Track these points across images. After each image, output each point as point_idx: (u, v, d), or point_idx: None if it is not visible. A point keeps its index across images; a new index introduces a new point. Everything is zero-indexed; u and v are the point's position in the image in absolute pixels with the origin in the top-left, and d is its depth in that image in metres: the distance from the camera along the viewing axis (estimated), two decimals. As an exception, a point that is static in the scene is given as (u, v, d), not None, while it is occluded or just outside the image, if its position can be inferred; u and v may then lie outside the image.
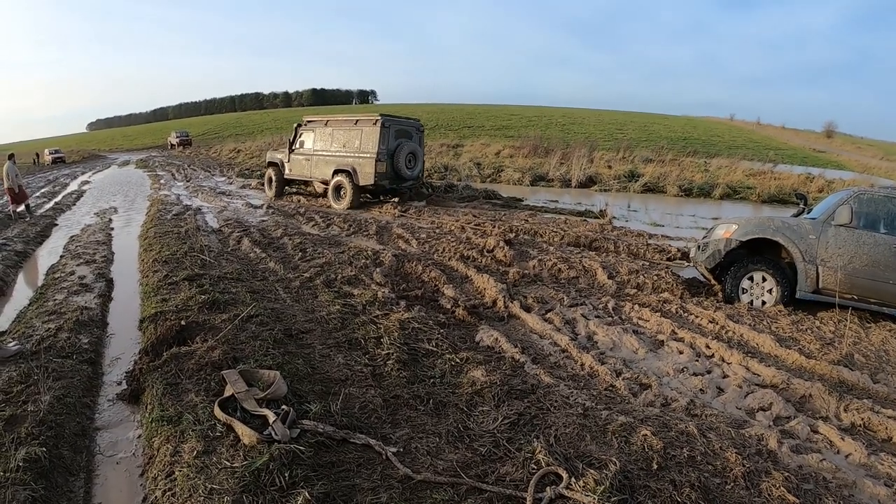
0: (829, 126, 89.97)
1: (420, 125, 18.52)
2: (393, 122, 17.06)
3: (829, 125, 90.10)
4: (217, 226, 13.04)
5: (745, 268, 8.77)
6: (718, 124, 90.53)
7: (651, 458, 3.98)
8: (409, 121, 18.13)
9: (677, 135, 60.43)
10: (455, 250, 10.60)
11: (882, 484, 4.10)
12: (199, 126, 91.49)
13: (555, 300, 7.97)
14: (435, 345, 5.85)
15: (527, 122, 62.30)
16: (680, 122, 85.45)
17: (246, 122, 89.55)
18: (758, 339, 7.01)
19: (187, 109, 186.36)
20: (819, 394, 5.53)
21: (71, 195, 21.85)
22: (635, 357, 6.35)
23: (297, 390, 4.68)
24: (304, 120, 19.06)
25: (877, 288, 8.36)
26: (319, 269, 8.72)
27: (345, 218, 14.41)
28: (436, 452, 3.99)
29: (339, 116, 18.31)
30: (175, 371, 4.97)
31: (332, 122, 18.05)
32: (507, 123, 62.86)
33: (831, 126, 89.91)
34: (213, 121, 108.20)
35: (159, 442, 4.05)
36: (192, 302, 6.79)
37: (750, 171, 30.79)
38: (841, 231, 8.48)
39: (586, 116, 77.76)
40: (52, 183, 28.29)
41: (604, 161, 32.23)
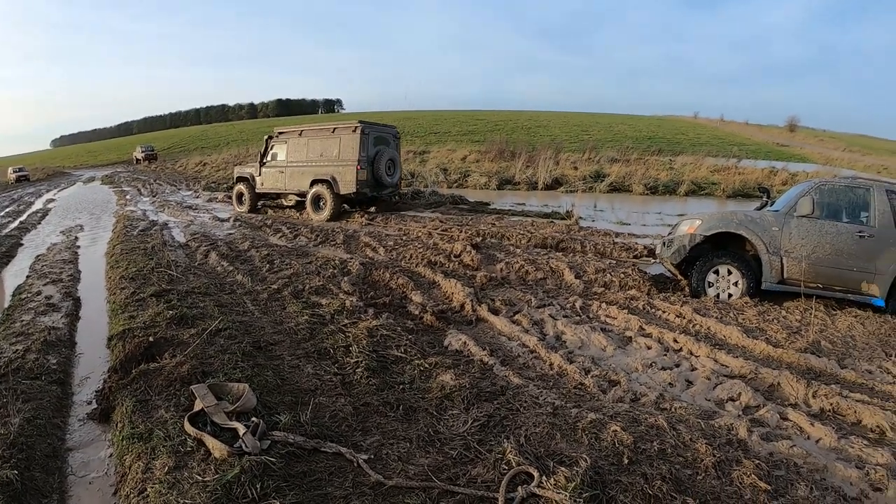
0: (791, 120, 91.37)
1: (396, 132, 18.52)
2: (372, 129, 16.96)
3: (792, 120, 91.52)
4: (184, 240, 12.96)
5: (711, 262, 8.91)
6: (683, 123, 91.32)
7: (621, 452, 4.02)
8: (387, 127, 18.08)
9: (643, 134, 60.93)
10: (422, 256, 10.65)
11: (853, 466, 4.18)
12: (165, 140, 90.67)
13: (522, 302, 8.03)
14: (404, 351, 5.88)
15: (493, 127, 62.43)
16: (645, 121, 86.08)
17: (212, 135, 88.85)
18: (725, 332, 7.12)
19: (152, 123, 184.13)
20: (787, 381, 5.62)
21: (36, 214, 21.54)
22: (604, 354, 6.42)
23: (267, 402, 4.68)
24: (275, 132, 18.76)
25: (841, 276, 8.56)
26: (287, 281, 8.70)
27: (312, 228, 14.44)
28: (407, 458, 4.01)
29: (314, 126, 18.15)
30: (144, 388, 4.95)
31: (307, 132, 17.81)
32: (474, 128, 63.01)
33: (794, 120, 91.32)
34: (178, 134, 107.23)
35: (131, 459, 4.03)
36: (159, 318, 6.77)
37: (714, 167, 31.15)
38: (803, 222, 8.66)
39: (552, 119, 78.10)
40: (17, 202, 27.88)
41: (570, 163, 32.41)
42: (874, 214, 8.65)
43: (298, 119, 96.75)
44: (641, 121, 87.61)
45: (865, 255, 8.50)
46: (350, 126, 16.77)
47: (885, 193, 8.68)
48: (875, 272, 8.45)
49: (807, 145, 64.61)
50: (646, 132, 64.14)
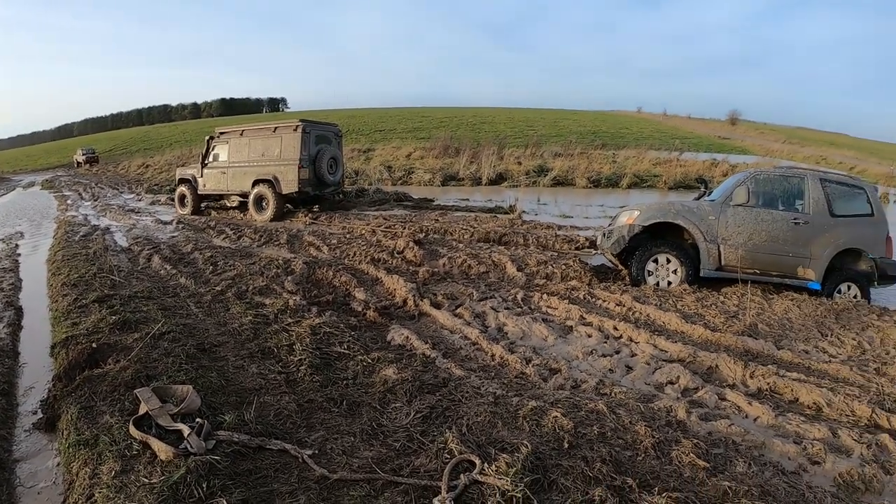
0: (733, 114, 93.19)
1: (338, 130, 18.48)
2: (313, 128, 16.93)
3: (734, 113, 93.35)
4: (126, 244, 12.76)
5: (650, 251, 9.16)
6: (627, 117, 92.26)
7: (562, 437, 4.13)
8: (329, 125, 18.08)
9: (587, 129, 61.38)
10: (366, 254, 10.70)
11: (791, 442, 4.37)
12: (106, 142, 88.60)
13: (464, 295, 8.16)
14: (347, 347, 5.94)
15: (438, 124, 62.36)
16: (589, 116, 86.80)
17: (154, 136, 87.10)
18: (664, 318, 7.33)
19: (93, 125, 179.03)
20: (725, 364, 5.84)
21: (-28, 223, 21.04)
22: (545, 344, 6.56)
23: (212, 403, 4.70)
24: (216, 132, 18.56)
25: (777, 261, 8.92)
26: (231, 282, 8.68)
27: (255, 229, 14.33)
28: (351, 451, 4.07)
29: (256, 125, 17.99)
30: (89, 394, 4.92)
31: (247, 132, 17.65)
32: (419, 125, 62.83)
33: (735, 114, 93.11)
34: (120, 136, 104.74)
35: (77, 466, 4.02)
36: (102, 324, 6.70)
37: (657, 160, 31.67)
38: (739, 210, 8.98)
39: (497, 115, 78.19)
40: (-49, 211, 27.17)
41: (514, 158, 32.59)
42: (808, 202, 9.03)
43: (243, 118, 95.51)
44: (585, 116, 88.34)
45: (801, 241, 8.86)
46: (291, 125, 16.72)
47: (819, 182, 9.09)
48: (810, 257, 8.84)
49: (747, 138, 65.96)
50: (590, 127, 64.65)
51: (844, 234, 9.03)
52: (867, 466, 4.07)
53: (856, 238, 9.07)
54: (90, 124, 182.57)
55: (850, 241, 9.04)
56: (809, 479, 3.98)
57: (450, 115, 78.11)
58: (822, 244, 8.95)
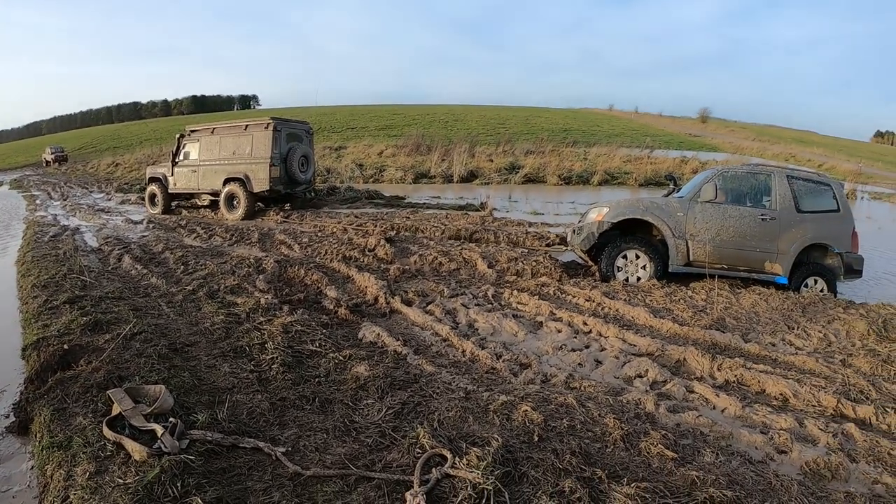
0: (703, 112, 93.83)
1: (310, 128, 18.44)
2: (284, 126, 16.91)
3: (704, 111, 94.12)
4: (97, 244, 12.65)
5: (619, 247, 9.27)
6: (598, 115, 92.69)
7: (532, 431, 4.19)
8: (300, 123, 18.04)
9: (558, 126, 61.59)
10: (337, 252, 10.72)
11: (758, 432, 4.47)
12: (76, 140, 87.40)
13: (435, 292, 8.23)
14: (318, 345, 5.97)
15: (410, 121, 62.24)
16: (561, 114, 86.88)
17: (124, 134, 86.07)
18: (633, 313, 7.44)
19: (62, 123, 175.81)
20: (693, 357, 5.95)
21: (-61, 224, 20.76)
22: (515, 339, 6.65)
23: (185, 402, 4.71)
24: (186, 130, 18.47)
25: (745, 256, 9.10)
26: (202, 281, 8.65)
27: (227, 228, 14.27)
28: (324, 448, 4.10)
29: (226, 123, 17.88)
30: (61, 396, 4.90)
31: (218, 130, 17.60)
32: (391, 123, 62.69)
33: (706, 112, 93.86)
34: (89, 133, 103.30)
35: (52, 469, 4.00)
36: (73, 325, 6.66)
37: (628, 157, 31.93)
38: (707, 207, 9.13)
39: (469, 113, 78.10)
40: (-84, 212, 26.75)
41: (485, 155, 32.63)
42: (776, 198, 9.21)
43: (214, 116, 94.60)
44: (557, 113, 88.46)
45: (768, 237, 9.04)
46: (262, 123, 16.68)
47: (786, 178, 9.28)
48: (777, 252, 9.02)
49: (718, 135, 66.50)
50: (561, 124, 64.86)
51: (811, 229, 9.20)
52: (833, 455, 4.16)
53: (822, 233, 9.26)
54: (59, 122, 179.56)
55: (816, 236, 9.21)
56: (776, 468, 4.06)
57: (422, 112, 77.93)
58: (789, 239, 9.12)
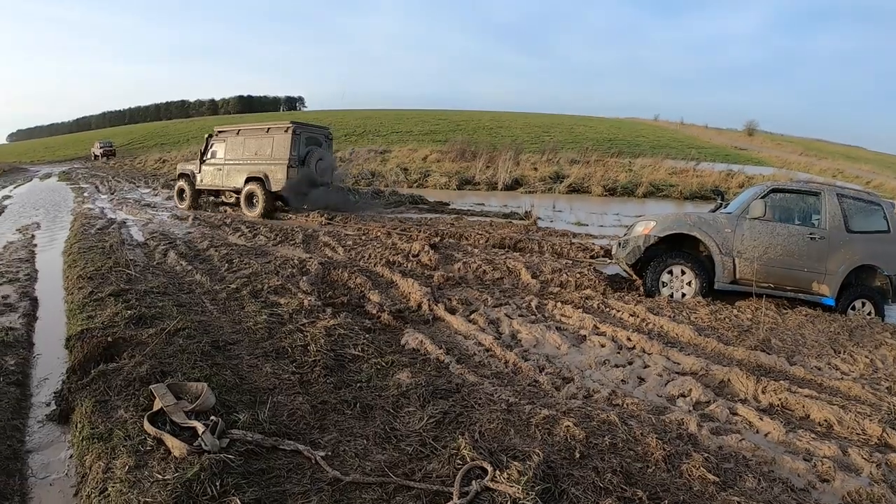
0: (750, 124, 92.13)
1: (329, 132, 19.36)
2: (304, 129, 17.83)
3: (751, 123, 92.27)
4: (142, 239, 12.82)
5: (665, 262, 9.10)
6: (643, 125, 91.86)
7: (574, 447, 4.11)
8: (320, 128, 19.05)
9: (603, 136, 61.24)
10: (381, 256, 10.73)
11: (801, 459, 4.34)
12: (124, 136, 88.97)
13: (479, 301, 8.15)
14: (361, 350, 5.94)
15: (454, 127, 62.34)
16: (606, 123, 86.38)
17: (172, 132, 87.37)
18: (677, 330, 7.30)
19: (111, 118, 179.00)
20: (737, 378, 5.80)
21: (-10, 212, 21.20)
22: (558, 353, 6.53)
23: (226, 401, 4.70)
24: (215, 130, 19.51)
25: (792, 275, 8.86)
26: (246, 280, 8.68)
27: (271, 227, 14.39)
28: (364, 454, 4.06)
29: (251, 125, 18.95)
30: (103, 388, 4.94)
31: (243, 131, 18.56)
32: (435, 128, 62.82)
33: (752, 124, 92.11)
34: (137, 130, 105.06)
35: (91, 460, 4.03)
36: (118, 318, 6.72)
37: (673, 169, 31.57)
38: (756, 224, 8.91)
39: (513, 120, 78.00)
40: (-30, 199, 27.34)
41: (530, 163, 32.58)
42: (825, 217, 8.96)
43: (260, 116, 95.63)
44: (602, 122, 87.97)
45: (816, 256, 8.79)
46: (283, 126, 17.55)
47: (836, 197, 9.02)
48: (826, 272, 8.77)
49: (764, 149, 65.63)
50: (606, 134, 64.48)
51: (860, 250, 8.96)
52: (876, 486, 4.05)
53: (871, 254, 9.01)
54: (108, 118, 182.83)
55: (865, 257, 8.96)
56: (818, 497, 3.96)
57: (466, 118, 77.97)
58: (838, 260, 8.88)
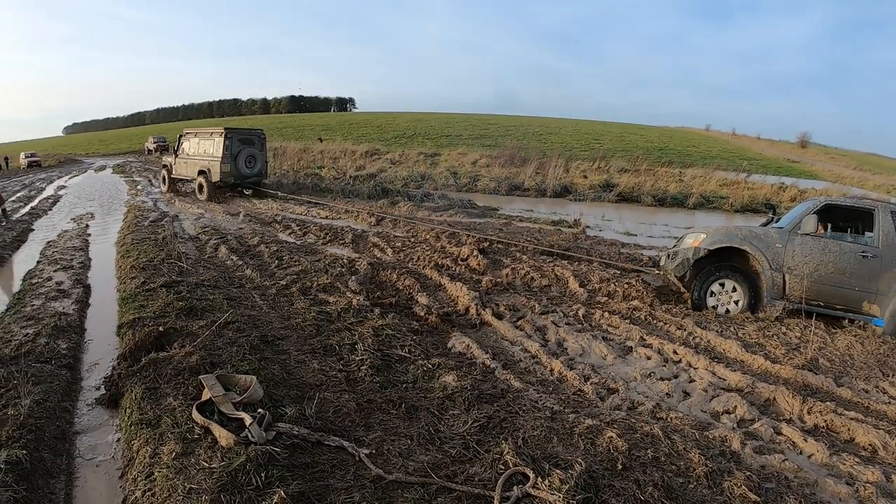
0: (803, 136, 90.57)
1: (262, 134, 23.58)
2: (235, 133, 22.21)
3: (804, 136, 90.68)
4: (194, 233, 13.03)
5: (713, 276, 8.94)
6: (694, 135, 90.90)
7: (616, 458, 4.09)
8: (253, 131, 23.52)
9: (653, 145, 60.70)
10: (429, 259, 10.76)
11: (843, 483, 4.25)
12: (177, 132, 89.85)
13: (526, 308, 8.10)
14: (408, 351, 5.97)
15: (504, 132, 62.20)
16: (656, 132, 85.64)
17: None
18: (724, 345, 7.18)
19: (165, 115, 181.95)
20: (783, 397, 5.69)
21: (47, 200, 21.71)
22: (604, 363, 6.49)
23: (273, 395, 4.76)
24: (184, 132, 24.36)
25: (842, 294, 8.59)
26: (295, 277, 8.77)
27: (321, 226, 14.50)
28: (407, 454, 4.08)
29: (204, 129, 23.55)
30: (153, 376, 5.03)
31: (199, 134, 23.28)
32: (485, 133, 62.77)
33: (805, 136, 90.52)
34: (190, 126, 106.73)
35: (138, 444, 4.11)
36: (169, 308, 6.84)
37: (724, 180, 31.07)
38: (807, 240, 8.69)
39: (563, 126, 77.73)
40: (28, 187, 27.96)
41: (579, 171, 32.35)
42: (878, 235, 8.66)
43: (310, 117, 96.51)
44: (652, 131, 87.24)
45: (868, 275, 8.51)
46: (219, 131, 21.99)
47: (890, 214, 8.68)
48: (877, 292, 8.47)
49: (817, 162, 64.42)
50: (656, 143, 63.89)
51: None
52: (917, 513, 3.93)
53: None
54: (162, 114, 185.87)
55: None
56: (858, 521, 3.86)
57: (516, 123, 77.81)
58: (890, 279, 8.53)
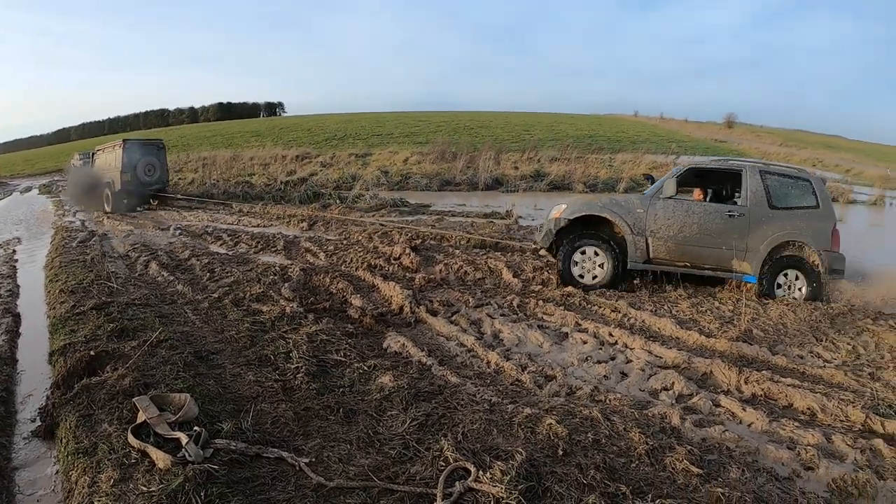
0: (729, 117, 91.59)
1: (161, 143, 24.85)
2: (133, 143, 23.32)
3: (730, 116, 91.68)
4: (123, 251, 12.72)
5: (575, 244, 9.16)
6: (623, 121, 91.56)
7: (557, 445, 4.15)
8: (151, 140, 24.85)
9: (583, 133, 61.05)
10: (362, 260, 10.77)
11: (785, 448, 4.39)
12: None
13: (461, 302, 8.18)
14: (343, 355, 5.96)
15: (435, 128, 61.90)
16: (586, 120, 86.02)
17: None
18: (659, 324, 7.37)
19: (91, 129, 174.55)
20: (720, 370, 5.87)
21: (-31, 230, 21.06)
22: (540, 351, 6.59)
23: (209, 411, 4.71)
24: (95, 148, 26.28)
25: (710, 254, 8.96)
26: (228, 289, 8.67)
27: (252, 235, 14.37)
28: (347, 459, 4.09)
29: (109, 144, 24.83)
30: (87, 403, 4.92)
31: (105, 148, 24.59)
32: (416, 130, 62.40)
33: (732, 117, 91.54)
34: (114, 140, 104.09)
35: (76, 475, 4.02)
36: (100, 331, 6.70)
37: (653, 164, 31.63)
38: (669, 203, 9.00)
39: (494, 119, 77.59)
40: (-52, 218, 27.13)
41: (510, 162, 32.54)
42: (747, 194, 8.99)
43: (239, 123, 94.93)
44: (582, 119, 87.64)
45: (736, 234, 8.85)
46: (118, 144, 23.03)
47: (759, 174, 9.04)
48: (747, 250, 8.81)
49: (744, 141, 65.62)
50: (586, 131, 64.26)
51: (784, 226, 8.96)
52: (861, 472, 4.09)
53: (797, 230, 8.98)
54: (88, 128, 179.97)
55: (791, 233, 8.96)
56: (803, 485, 4.00)
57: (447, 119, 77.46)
58: (760, 237, 8.89)
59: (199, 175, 31.36)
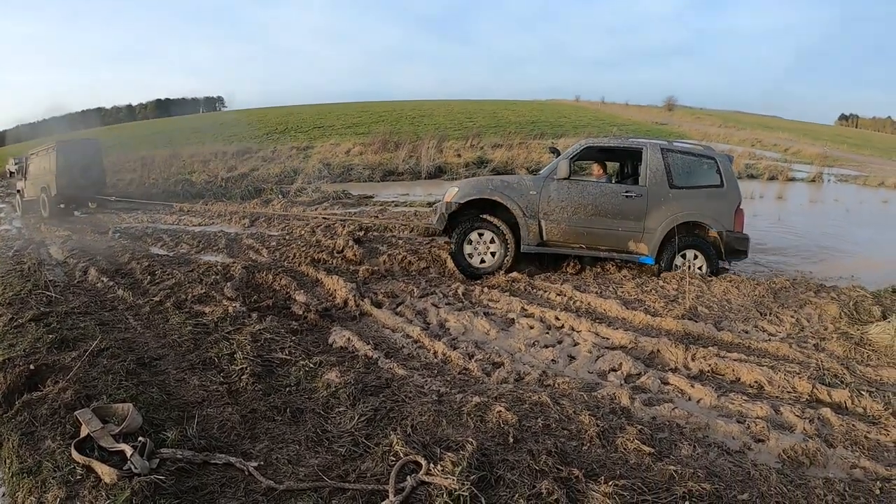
0: (669, 100, 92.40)
1: (97, 144, 24.04)
2: (67, 145, 22.30)
3: (670, 99, 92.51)
4: (62, 257, 12.42)
5: (466, 228, 9.12)
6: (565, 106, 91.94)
7: (507, 432, 4.19)
8: (86, 141, 24.31)
9: (526, 119, 61.09)
10: (305, 255, 10.67)
11: (734, 422, 4.51)
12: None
13: (405, 293, 8.18)
14: (288, 353, 5.92)
15: (377, 119, 61.48)
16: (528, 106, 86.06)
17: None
18: (605, 305, 7.45)
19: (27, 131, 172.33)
20: (667, 348, 5.98)
21: None
22: (487, 338, 6.63)
23: (154, 419, 4.64)
24: (28, 153, 24.69)
25: (605, 235, 8.90)
26: (169, 291, 8.50)
27: (193, 235, 14.17)
28: (297, 460, 4.08)
29: (42, 147, 23.36)
30: (29, 419, 4.80)
31: (38, 152, 23.30)
32: (358, 121, 61.91)
33: (672, 100, 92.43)
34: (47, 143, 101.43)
35: (22, 496, 3.92)
36: (39, 343, 6.52)
37: (594, 146, 31.88)
38: (563, 184, 8.90)
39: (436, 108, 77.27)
40: None
41: (453, 150, 32.49)
42: (645, 173, 8.89)
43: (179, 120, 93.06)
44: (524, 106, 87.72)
45: (633, 215, 8.80)
46: (51, 146, 21.85)
47: (660, 152, 8.93)
48: (643, 230, 8.76)
49: (684, 123, 66.44)
50: (529, 117, 64.35)
51: (685, 206, 8.88)
52: (810, 441, 4.21)
53: (698, 210, 8.92)
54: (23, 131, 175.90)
55: (690, 213, 8.88)
56: (754, 458, 4.10)
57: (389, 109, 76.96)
58: (658, 217, 8.80)
59: (138, 175, 30.58)
